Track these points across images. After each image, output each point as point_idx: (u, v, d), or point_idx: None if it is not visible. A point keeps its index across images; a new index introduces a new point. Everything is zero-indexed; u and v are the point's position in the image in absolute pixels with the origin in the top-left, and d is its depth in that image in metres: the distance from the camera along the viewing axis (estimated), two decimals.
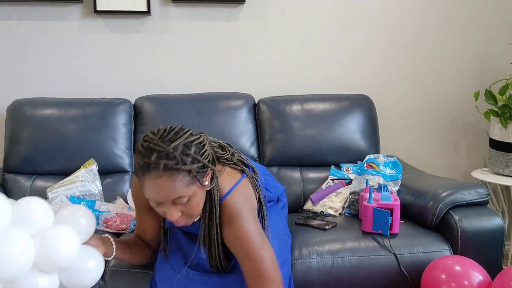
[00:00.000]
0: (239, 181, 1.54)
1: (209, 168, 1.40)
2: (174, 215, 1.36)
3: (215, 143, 1.59)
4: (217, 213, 1.47)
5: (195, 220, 1.51)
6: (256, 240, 1.45)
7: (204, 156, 1.37)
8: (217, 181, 1.47)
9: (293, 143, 2.40)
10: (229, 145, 1.65)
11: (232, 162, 1.56)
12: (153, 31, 2.61)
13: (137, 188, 1.58)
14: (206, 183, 1.41)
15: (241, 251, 1.46)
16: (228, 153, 1.57)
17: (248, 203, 1.52)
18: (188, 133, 1.38)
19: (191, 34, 2.62)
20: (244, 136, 2.41)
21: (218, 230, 1.49)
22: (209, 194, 1.46)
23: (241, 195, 1.50)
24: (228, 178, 1.52)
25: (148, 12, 2.55)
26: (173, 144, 1.31)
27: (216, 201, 1.46)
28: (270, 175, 1.92)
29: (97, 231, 2.04)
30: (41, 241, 1.32)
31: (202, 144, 1.39)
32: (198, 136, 1.41)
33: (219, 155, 1.54)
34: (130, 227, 2.04)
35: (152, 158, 1.30)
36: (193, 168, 1.32)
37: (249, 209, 1.51)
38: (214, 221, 1.48)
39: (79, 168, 2.31)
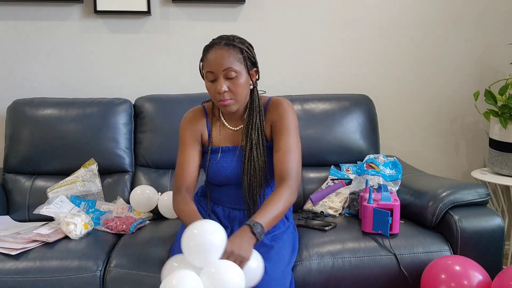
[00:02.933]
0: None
1: (256, 66, 1.73)
2: (223, 87, 1.63)
3: None
4: (259, 107, 1.74)
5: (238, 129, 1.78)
6: (296, 123, 1.75)
7: (254, 53, 1.73)
8: (257, 88, 1.76)
9: None
10: None
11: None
12: (153, 31, 2.61)
13: (189, 119, 1.81)
14: (251, 76, 1.71)
15: (283, 125, 1.72)
16: None
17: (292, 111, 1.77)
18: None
19: (191, 34, 2.62)
20: None
21: (261, 132, 1.73)
22: (253, 92, 1.74)
23: (286, 101, 1.78)
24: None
25: (148, 12, 2.55)
26: (234, 35, 1.72)
27: (259, 98, 1.75)
28: None
29: (97, 231, 2.05)
30: None
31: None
32: None
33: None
34: (130, 229, 2.05)
35: (218, 39, 1.70)
36: (244, 49, 1.67)
37: (293, 112, 1.77)
38: (258, 115, 1.72)
39: (80, 168, 2.31)
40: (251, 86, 1.73)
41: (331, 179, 2.32)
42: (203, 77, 1.72)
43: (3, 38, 2.57)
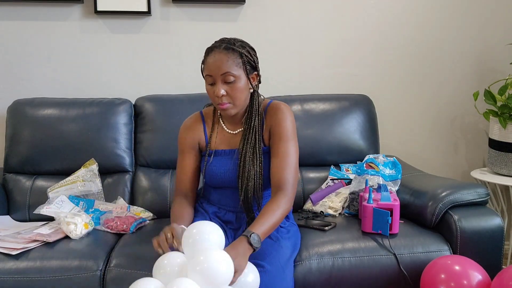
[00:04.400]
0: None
1: (257, 70, 1.73)
2: (221, 90, 1.64)
3: None
4: (258, 111, 1.74)
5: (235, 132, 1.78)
6: (294, 129, 1.75)
7: (255, 57, 1.72)
8: (258, 92, 1.77)
9: None
10: None
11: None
12: (153, 31, 2.61)
13: (185, 128, 1.84)
14: (251, 80, 1.70)
15: (280, 131, 1.72)
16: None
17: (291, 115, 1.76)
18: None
19: (191, 34, 2.62)
20: None
21: (259, 137, 1.73)
22: (253, 96, 1.74)
23: (285, 106, 1.78)
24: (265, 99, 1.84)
25: (148, 12, 2.55)
26: (235, 39, 1.73)
27: (259, 102, 1.75)
28: None
29: (97, 231, 2.06)
30: None
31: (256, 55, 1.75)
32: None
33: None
34: (130, 229, 2.05)
35: (219, 42, 1.70)
36: (244, 53, 1.67)
37: (292, 118, 1.76)
38: (256, 117, 1.73)
39: (80, 168, 2.32)
40: (251, 90, 1.73)
41: (331, 179, 2.32)
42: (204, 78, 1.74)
43: (3, 38, 2.57)
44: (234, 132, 1.80)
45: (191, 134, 1.82)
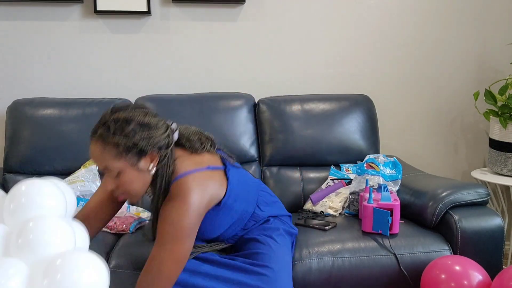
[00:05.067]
0: (200, 170, 1.50)
1: (147, 152, 1.43)
2: (108, 185, 1.44)
3: (197, 134, 1.62)
4: (161, 190, 1.48)
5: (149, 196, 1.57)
6: (177, 232, 1.41)
7: (143, 136, 1.41)
8: (172, 163, 1.49)
9: (293, 143, 2.40)
10: (212, 141, 1.66)
11: (197, 150, 1.56)
12: (153, 31, 2.61)
13: None
14: (143, 165, 1.44)
15: (159, 229, 1.44)
16: (201, 145, 1.58)
17: (199, 192, 1.46)
18: (145, 114, 1.44)
19: (191, 34, 2.62)
20: (244, 136, 2.41)
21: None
22: (159, 173, 1.48)
23: (194, 181, 1.46)
24: (189, 164, 1.51)
25: (148, 12, 2.55)
26: (116, 116, 1.40)
27: (165, 180, 1.47)
28: (270, 194, 1.87)
29: None
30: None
31: (154, 126, 1.44)
32: (158, 120, 1.47)
33: (189, 142, 1.56)
34: (130, 229, 2.05)
35: (97, 125, 1.43)
36: (120, 143, 1.38)
37: (196, 198, 1.44)
38: (159, 199, 1.49)
39: (80, 168, 2.31)
40: (153, 170, 1.48)
41: (331, 179, 2.32)
42: None
43: (3, 38, 2.56)
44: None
45: None
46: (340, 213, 2.15)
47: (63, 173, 2.32)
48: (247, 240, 1.69)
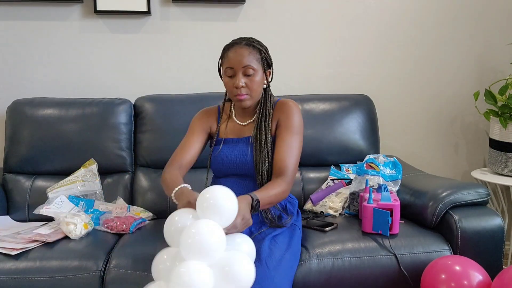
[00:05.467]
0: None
1: (271, 67, 1.87)
2: (241, 81, 1.76)
3: None
4: (271, 105, 1.85)
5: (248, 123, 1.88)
6: (298, 134, 1.84)
7: (270, 56, 1.87)
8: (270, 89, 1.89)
9: None
10: None
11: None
12: (153, 31, 2.61)
13: (203, 112, 1.96)
14: (266, 76, 1.83)
15: (285, 132, 1.81)
16: None
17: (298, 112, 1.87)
18: None
19: (191, 34, 2.62)
20: None
21: (268, 126, 1.82)
22: (265, 92, 1.86)
23: (294, 103, 1.88)
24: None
25: (148, 12, 2.55)
26: (253, 38, 1.86)
27: (270, 97, 1.87)
28: None
29: (97, 231, 2.05)
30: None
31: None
32: None
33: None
34: (130, 229, 2.05)
35: (239, 40, 1.84)
36: (263, 50, 1.82)
37: (300, 115, 1.87)
38: (268, 114, 1.83)
39: (80, 168, 2.31)
40: (265, 86, 1.86)
41: (331, 179, 2.32)
42: (220, 75, 1.86)
43: (3, 38, 2.56)
44: (243, 124, 1.90)
45: (207, 118, 1.93)
46: (340, 213, 2.15)
47: (63, 173, 2.32)
48: None
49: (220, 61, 1.85)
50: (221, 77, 1.85)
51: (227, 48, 1.83)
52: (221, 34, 2.63)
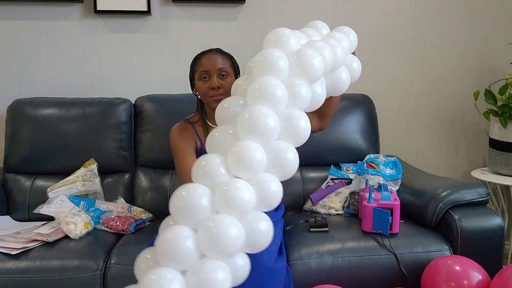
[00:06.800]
0: None
1: (239, 75, 1.96)
2: (217, 82, 1.85)
3: None
4: None
5: None
6: None
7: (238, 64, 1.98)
8: None
9: None
10: None
11: None
12: (153, 31, 2.61)
13: (179, 130, 1.93)
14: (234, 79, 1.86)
15: None
16: None
17: None
18: None
19: (191, 34, 2.62)
20: None
21: None
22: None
23: None
24: None
25: (148, 12, 2.55)
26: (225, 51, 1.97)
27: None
28: None
29: (97, 231, 2.05)
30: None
31: None
32: None
33: None
34: (130, 229, 2.05)
35: (209, 49, 1.93)
36: (233, 58, 1.95)
37: None
38: None
39: (80, 167, 2.31)
40: None
41: (331, 179, 2.32)
42: (192, 86, 1.95)
43: (3, 38, 2.57)
44: None
45: (187, 134, 1.92)
46: (340, 213, 2.15)
47: (63, 173, 2.32)
48: None
49: (191, 71, 1.94)
50: (192, 89, 1.95)
51: (199, 57, 1.92)
52: (221, 34, 2.63)
